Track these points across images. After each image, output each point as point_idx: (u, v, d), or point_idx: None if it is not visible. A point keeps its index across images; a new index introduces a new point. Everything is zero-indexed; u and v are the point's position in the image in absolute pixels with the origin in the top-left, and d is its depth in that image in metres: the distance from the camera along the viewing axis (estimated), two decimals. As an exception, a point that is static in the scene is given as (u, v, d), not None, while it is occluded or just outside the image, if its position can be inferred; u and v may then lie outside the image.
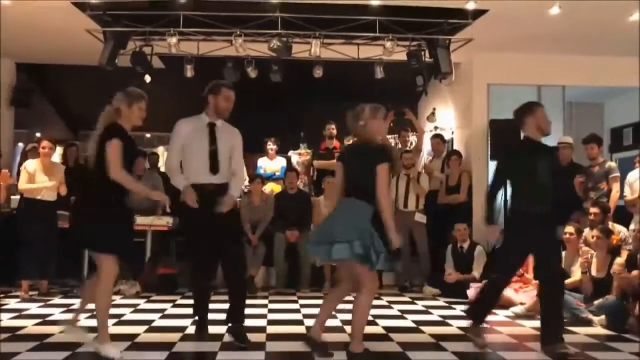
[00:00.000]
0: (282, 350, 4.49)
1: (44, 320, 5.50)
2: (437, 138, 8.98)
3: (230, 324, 4.60)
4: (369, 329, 5.24)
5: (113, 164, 4.06)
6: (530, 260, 6.59)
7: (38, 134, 10.73)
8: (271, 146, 9.13)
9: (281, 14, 7.37)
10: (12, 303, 6.43)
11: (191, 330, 5.15)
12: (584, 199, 7.12)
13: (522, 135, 4.71)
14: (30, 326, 5.17)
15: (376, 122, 4.24)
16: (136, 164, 8.16)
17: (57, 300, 6.67)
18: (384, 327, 5.37)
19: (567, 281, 6.04)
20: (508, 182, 4.89)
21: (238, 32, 7.59)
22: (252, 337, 4.62)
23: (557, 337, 4.39)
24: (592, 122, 9.66)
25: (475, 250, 7.41)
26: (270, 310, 6.22)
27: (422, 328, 5.38)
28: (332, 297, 4.41)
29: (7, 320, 5.46)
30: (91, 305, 4.34)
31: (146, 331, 5.09)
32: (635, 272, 5.52)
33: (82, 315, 4.59)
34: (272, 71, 8.26)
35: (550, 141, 8.26)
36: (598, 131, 8.37)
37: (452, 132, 9.59)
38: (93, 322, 5.26)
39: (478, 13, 7.26)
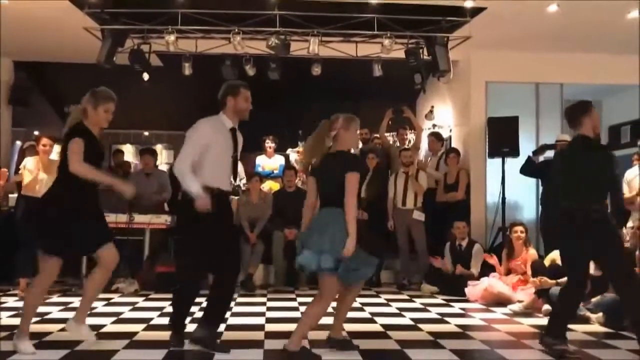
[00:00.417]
0: (281, 348, 4.48)
1: (43, 318, 5.49)
2: (433, 136, 8.99)
3: (206, 329, 4.36)
4: (367, 327, 5.28)
5: (72, 158, 4.10)
6: (529, 257, 6.66)
7: (36, 132, 10.73)
8: (269, 144, 9.14)
9: (279, 11, 7.36)
10: (11, 301, 6.43)
11: (190, 328, 5.14)
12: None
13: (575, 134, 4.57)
14: (29, 324, 5.16)
15: (348, 133, 4.20)
16: (143, 160, 8.20)
17: (55, 298, 6.67)
18: (382, 325, 5.37)
19: (565, 278, 6.06)
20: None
21: (236, 30, 7.59)
22: (251, 335, 4.63)
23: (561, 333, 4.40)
24: (590, 120, 9.66)
25: (474, 247, 7.42)
26: (269, 309, 6.22)
27: (421, 326, 5.38)
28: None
29: (5, 318, 5.45)
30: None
31: (145, 329, 5.09)
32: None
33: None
34: (270, 69, 8.25)
35: (547, 139, 8.34)
36: (596, 129, 8.37)
37: (450, 130, 9.60)
38: (94, 321, 5.28)
39: (476, 11, 7.27)
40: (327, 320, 4.39)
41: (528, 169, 7.98)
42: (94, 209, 4.34)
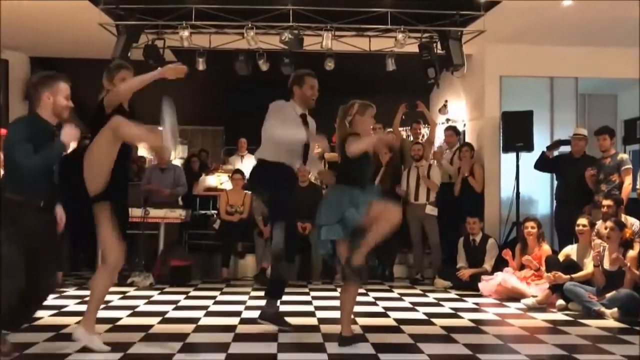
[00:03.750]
0: (294, 341, 4.52)
1: (60, 311, 5.57)
2: (451, 130, 8.95)
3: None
4: (380, 321, 5.30)
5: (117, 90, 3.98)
6: (543, 252, 6.64)
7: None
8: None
9: (292, 6, 7.37)
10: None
11: (204, 321, 5.20)
12: (595, 191, 7.08)
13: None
14: (46, 317, 5.24)
15: (363, 119, 4.38)
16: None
17: (71, 292, 6.75)
18: (396, 319, 5.39)
19: (579, 274, 6.05)
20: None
21: (250, 25, 7.61)
22: (265, 328, 4.67)
23: None
24: (605, 114, 9.59)
25: (487, 243, 7.40)
26: (282, 302, 6.22)
27: (434, 320, 5.39)
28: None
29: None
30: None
31: (160, 322, 5.14)
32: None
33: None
34: (284, 64, 8.27)
35: (562, 133, 8.28)
36: (611, 123, 8.31)
37: (464, 125, 9.57)
38: (110, 314, 5.34)
39: (490, 4, 7.23)
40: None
41: (542, 164, 7.96)
42: None
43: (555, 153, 8.03)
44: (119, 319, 5.22)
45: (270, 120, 4.68)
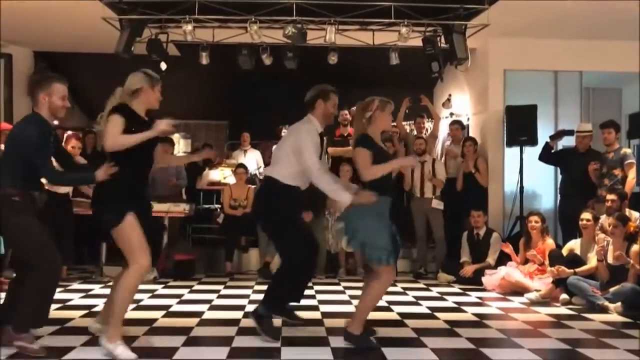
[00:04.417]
0: (298, 335, 4.53)
1: (64, 305, 5.59)
2: (457, 124, 8.92)
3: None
4: (384, 315, 5.31)
5: (108, 135, 3.88)
6: (547, 246, 6.64)
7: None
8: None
9: (296, 0, 7.35)
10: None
11: (208, 315, 5.22)
12: (598, 185, 7.06)
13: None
14: (51, 311, 5.25)
15: (383, 115, 4.37)
16: (161, 148, 8.23)
17: (76, 285, 6.77)
18: (399, 313, 5.40)
19: (583, 268, 6.05)
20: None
21: (253, 19, 7.60)
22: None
23: None
24: (609, 108, 9.54)
25: (491, 237, 7.39)
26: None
27: (437, 314, 5.40)
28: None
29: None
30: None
31: (164, 316, 5.16)
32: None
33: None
34: (287, 58, 8.26)
35: (566, 127, 8.23)
36: (616, 117, 8.27)
37: (468, 119, 9.55)
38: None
39: (494, -2, 7.20)
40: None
41: (546, 155, 7.94)
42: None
43: (560, 145, 8.01)
44: (123, 312, 5.23)
45: (307, 156, 4.36)
